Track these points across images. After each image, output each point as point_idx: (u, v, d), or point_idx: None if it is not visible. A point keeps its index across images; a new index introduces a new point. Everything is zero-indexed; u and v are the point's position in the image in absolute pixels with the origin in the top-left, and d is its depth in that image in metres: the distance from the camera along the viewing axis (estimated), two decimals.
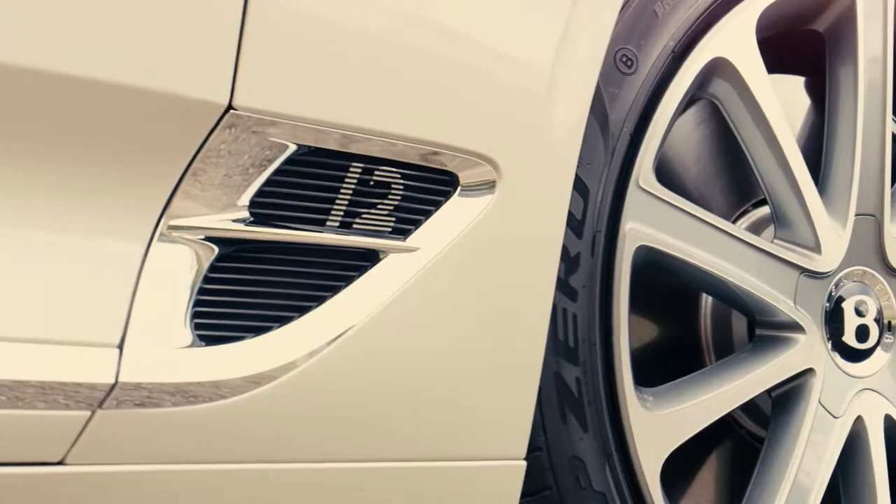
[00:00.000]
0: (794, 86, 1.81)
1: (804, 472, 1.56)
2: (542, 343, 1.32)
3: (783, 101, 1.78)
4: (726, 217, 1.71)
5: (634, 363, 1.66)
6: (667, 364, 1.63)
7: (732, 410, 1.71)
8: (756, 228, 1.70)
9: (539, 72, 1.29)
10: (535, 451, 1.39)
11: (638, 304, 1.68)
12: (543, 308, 1.32)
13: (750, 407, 1.69)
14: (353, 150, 1.19)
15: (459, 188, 1.27)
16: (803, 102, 1.81)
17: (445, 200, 1.26)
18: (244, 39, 1.12)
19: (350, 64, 1.17)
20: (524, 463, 1.32)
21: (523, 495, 1.40)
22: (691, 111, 1.69)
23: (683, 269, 1.50)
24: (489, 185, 1.27)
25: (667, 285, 1.63)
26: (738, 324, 1.65)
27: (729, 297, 1.58)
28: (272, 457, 1.18)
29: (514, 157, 1.28)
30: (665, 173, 1.68)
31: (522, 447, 1.32)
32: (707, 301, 1.67)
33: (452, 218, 1.26)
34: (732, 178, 1.70)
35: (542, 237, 1.31)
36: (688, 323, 1.68)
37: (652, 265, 1.50)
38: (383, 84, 1.19)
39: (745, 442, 1.71)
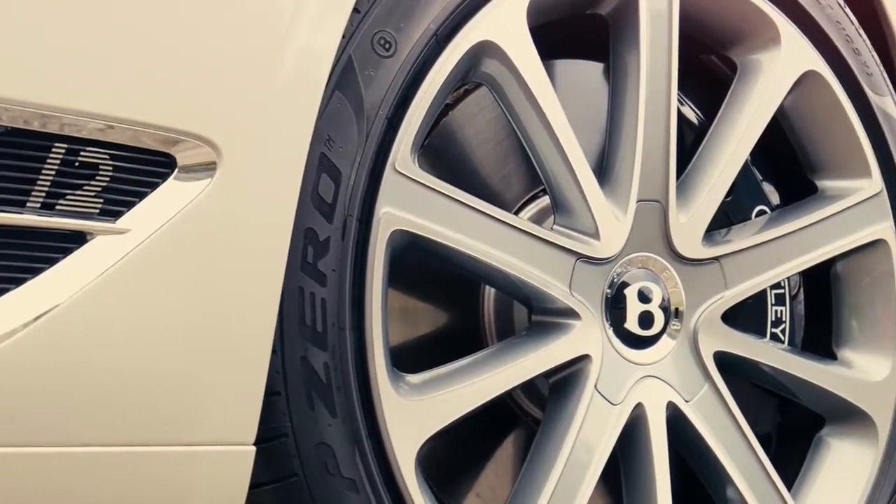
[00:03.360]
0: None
1: (576, 459, 1.54)
2: (270, 327, 1.31)
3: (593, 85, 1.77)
4: (516, 201, 1.70)
5: (414, 350, 1.66)
6: (451, 351, 1.61)
7: (519, 399, 1.72)
8: (546, 213, 1.68)
9: (263, 51, 1.28)
10: (281, 437, 1.38)
11: (421, 289, 1.67)
12: (271, 291, 1.30)
13: (537, 395, 1.68)
14: (54, 130, 1.18)
15: (177, 170, 1.25)
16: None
17: (162, 182, 1.25)
18: None
19: (43, 38, 1.15)
20: (253, 448, 1.31)
21: (269, 482, 1.38)
22: (479, 93, 1.68)
23: (449, 255, 1.49)
24: (209, 167, 1.26)
25: (452, 271, 1.62)
26: (521, 310, 1.63)
27: (499, 283, 1.57)
28: None
29: (236, 139, 1.27)
30: (449, 157, 1.68)
31: (250, 433, 1.31)
32: (489, 287, 1.66)
33: (169, 200, 1.25)
34: (522, 162, 1.68)
35: (268, 219, 1.30)
36: (471, 309, 1.67)
37: (422, 251, 1.49)
38: (81, 60, 1.17)
39: (532, 430, 1.70)
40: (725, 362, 1.68)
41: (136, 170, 1.23)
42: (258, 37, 1.28)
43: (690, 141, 1.78)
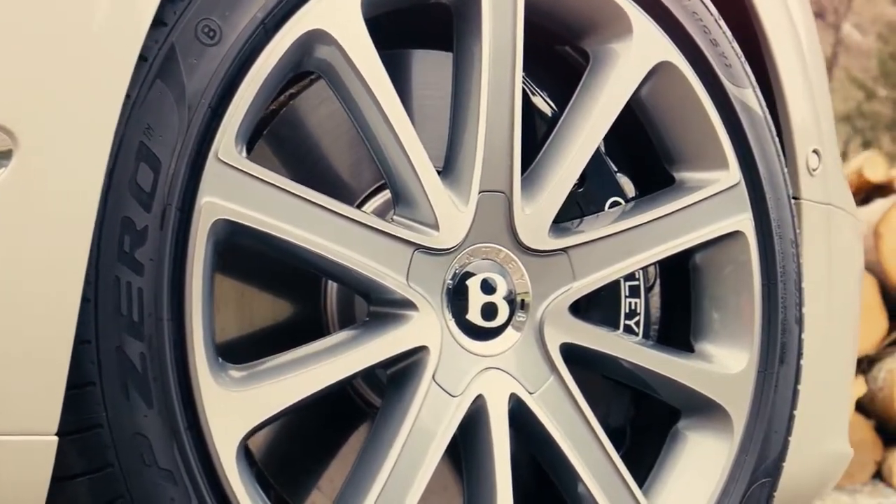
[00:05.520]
0: None
1: (411, 451, 1.53)
2: (71, 316, 1.30)
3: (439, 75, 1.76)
4: (365, 190, 1.69)
5: (254, 341, 1.65)
6: (293, 342, 1.59)
7: (363, 391, 1.71)
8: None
9: (62, 36, 1.27)
10: (95, 428, 1.36)
11: (261, 279, 1.66)
12: (72, 281, 1.29)
13: (381, 387, 1.67)
14: None
15: None
16: None
17: None
18: None
19: None
20: (55, 439, 1.30)
21: (83, 473, 1.37)
22: (323, 84, 1.66)
23: (280, 246, 1.48)
24: (4, 155, 1.25)
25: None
26: (362, 301, 1.62)
27: (334, 274, 1.56)
28: None
29: (32, 126, 1.26)
30: (294, 147, 1.67)
31: (52, 423, 1.30)
32: None
33: None
34: (369, 153, 1.67)
35: (70, 208, 1.29)
36: (314, 298, 1.66)
37: (253, 242, 1.48)
38: None
39: None
40: (575, 355, 1.67)
41: None
42: (56, 21, 1.27)
43: (543, 132, 1.76)
